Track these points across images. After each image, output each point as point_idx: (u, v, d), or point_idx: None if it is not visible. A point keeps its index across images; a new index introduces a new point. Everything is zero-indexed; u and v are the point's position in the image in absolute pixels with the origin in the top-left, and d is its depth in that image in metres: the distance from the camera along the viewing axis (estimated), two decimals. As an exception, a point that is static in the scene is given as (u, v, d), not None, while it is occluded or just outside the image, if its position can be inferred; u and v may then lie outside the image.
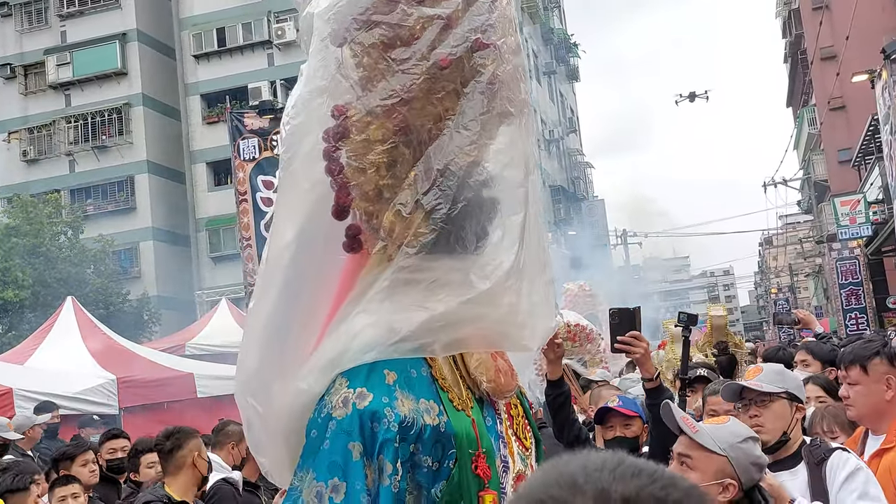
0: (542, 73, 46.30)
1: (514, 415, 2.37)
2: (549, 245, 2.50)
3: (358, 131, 2.17)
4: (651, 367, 4.22)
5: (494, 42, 2.21)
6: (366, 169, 2.17)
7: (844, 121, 35.56)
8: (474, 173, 2.20)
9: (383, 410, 2.02)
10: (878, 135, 22.66)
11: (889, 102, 16.92)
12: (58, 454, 6.67)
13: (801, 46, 41.69)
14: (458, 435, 2.09)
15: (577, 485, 0.92)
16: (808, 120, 41.68)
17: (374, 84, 2.17)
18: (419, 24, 2.15)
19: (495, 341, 2.30)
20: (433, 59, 2.14)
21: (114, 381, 12.36)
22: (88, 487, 6.18)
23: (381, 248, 2.18)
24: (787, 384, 3.49)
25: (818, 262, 43.85)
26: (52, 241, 28.21)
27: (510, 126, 2.27)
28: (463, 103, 2.18)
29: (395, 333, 2.11)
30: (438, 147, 2.16)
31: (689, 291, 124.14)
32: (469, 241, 2.20)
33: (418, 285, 2.16)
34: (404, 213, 2.15)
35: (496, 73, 2.20)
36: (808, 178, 42.67)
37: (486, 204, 2.23)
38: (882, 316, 26.99)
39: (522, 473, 2.27)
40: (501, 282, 2.19)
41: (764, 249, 68.47)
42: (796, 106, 49.28)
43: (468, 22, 2.18)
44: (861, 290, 28.42)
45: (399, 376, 2.10)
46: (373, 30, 2.16)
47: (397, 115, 2.15)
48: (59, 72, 37.24)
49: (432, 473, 2.05)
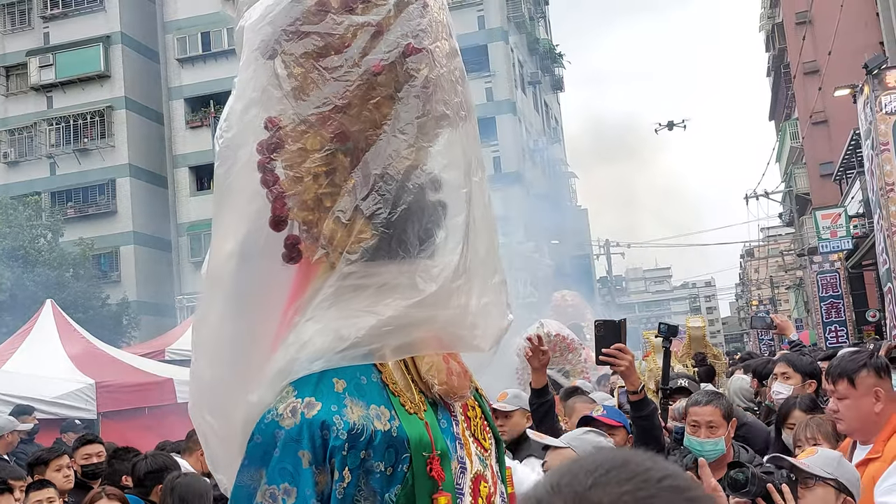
0: (527, 82, 46.42)
1: (472, 416, 2.37)
2: (499, 246, 2.52)
3: (293, 141, 2.18)
4: (636, 380, 4.21)
5: (426, 46, 2.22)
6: (303, 178, 2.18)
7: (826, 135, 35.84)
8: (413, 176, 2.20)
9: (332, 419, 2.02)
10: (859, 149, 22.83)
11: (870, 118, 17.03)
12: (32, 459, 6.63)
13: (784, 60, 42.01)
14: (412, 439, 2.09)
15: (558, 487, 0.93)
16: (790, 133, 41.98)
17: (307, 93, 2.18)
18: (350, 32, 2.17)
19: (446, 343, 2.30)
20: (365, 66, 2.16)
21: (92, 386, 12.27)
22: (63, 493, 6.12)
23: (322, 255, 2.18)
24: (839, 472, 3.31)
25: (799, 274, 44.15)
26: (31, 243, 28.03)
27: (448, 129, 2.27)
28: (398, 108, 2.19)
29: (344, 340, 2.11)
30: (375, 152, 2.17)
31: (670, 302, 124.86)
32: (412, 244, 2.20)
33: (364, 291, 2.16)
34: (343, 219, 2.15)
35: (429, 76, 2.21)
36: (790, 191, 42.96)
37: (429, 207, 2.23)
38: (861, 329, 27.18)
39: (481, 474, 2.27)
40: (448, 283, 2.19)
41: (745, 261, 68.85)
42: (779, 119, 49.64)
43: (399, 28, 2.20)
44: (841, 304, 28.63)
45: (349, 384, 2.10)
46: (303, 40, 2.18)
47: (332, 123, 2.16)
48: (41, 73, 37.09)
49: (386, 478, 2.05)
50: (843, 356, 3.91)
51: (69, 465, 6.52)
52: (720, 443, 4.49)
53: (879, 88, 16.75)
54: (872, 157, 17.40)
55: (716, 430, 4.49)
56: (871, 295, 28.73)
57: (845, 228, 27.49)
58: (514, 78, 41.55)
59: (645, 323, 78.08)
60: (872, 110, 16.84)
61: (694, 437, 4.52)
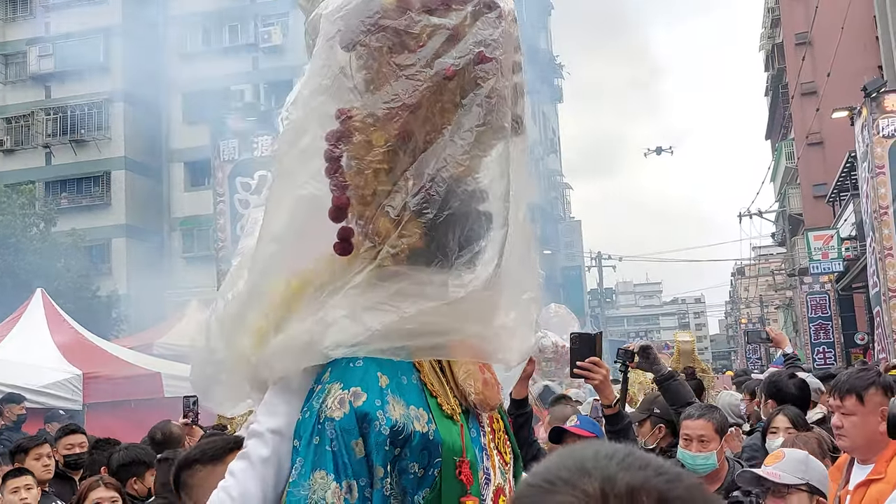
0: (525, 92, 46.46)
1: (496, 429, 2.38)
2: (536, 263, 2.52)
3: (360, 133, 2.18)
4: (611, 394, 4.20)
5: (497, 57, 2.23)
6: (364, 171, 2.18)
7: (821, 156, 35.95)
8: (463, 183, 2.21)
9: (375, 413, 2.03)
10: (853, 172, 22.92)
11: (867, 140, 17.10)
12: (14, 447, 6.61)
13: (783, 80, 42.16)
14: (445, 443, 2.11)
15: (585, 469, 0.97)
16: (785, 153, 42.11)
17: (378, 87, 2.18)
18: (426, 32, 2.18)
19: (473, 353, 2.30)
20: (436, 69, 2.17)
21: (79, 377, 12.22)
22: (43, 482, 6.09)
23: (369, 247, 2.19)
24: (809, 475, 3.37)
25: (789, 294, 44.24)
26: (23, 232, 27.93)
27: (503, 141, 2.29)
28: (460, 114, 2.20)
29: (368, 331, 2.12)
30: (432, 154, 2.18)
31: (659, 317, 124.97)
32: (451, 250, 2.20)
33: (395, 286, 2.17)
34: (392, 214, 2.16)
35: (495, 87, 2.23)
36: (784, 210, 43.06)
37: (473, 215, 2.24)
38: (849, 352, 27.26)
39: (501, 487, 2.28)
40: (477, 293, 2.19)
41: (736, 279, 68.98)
42: (775, 139, 49.80)
43: (473, 35, 2.21)
44: (830, 325, 28.72)
45: (391, 381, 2.11)
46: (379, 33, 2.18)
47: (399, 120, 2.17)
48: (40, 63, 36.96)
49: (417, 480, 2.06)
50: (851, 373, 3.89)
51: (49, 455, 6.49)
52: (711, 457, 4.49)
53: (877, 112, 16.83)
54: (868, 180, 17.47)
55: (707, 444, 4.48)
56: (860, 318, 28.81)
57: (837, 250, 27.57)
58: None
59: (633, 337, 78.19)
60: (870, 133, 16.92)
61: (686, 451, 4.51)
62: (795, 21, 37.78)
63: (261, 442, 2.13)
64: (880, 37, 25.33)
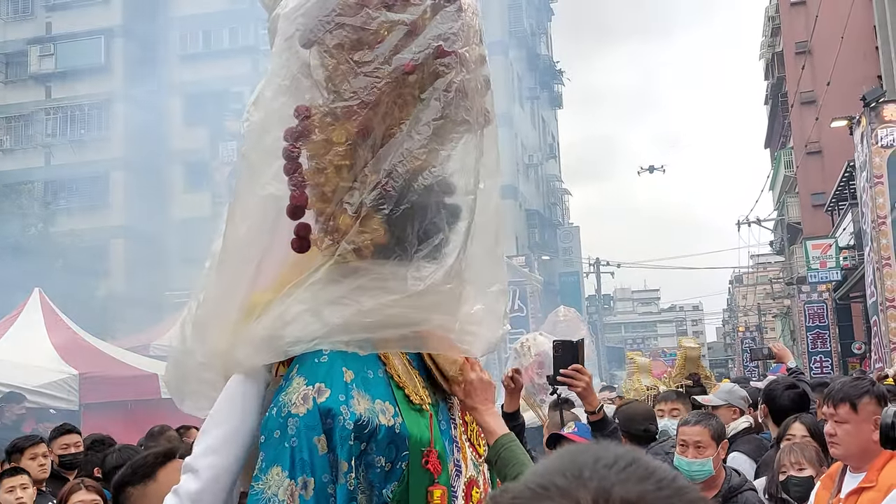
0: (525, 97, 46.48)
1: (469, 421, 2.40)
2: (504, 255, 2.54)
3: (319, 131, 2.19)
4: (594, 400, 4.20)
5: (457, 50, 2.24)
6: (325, 169, 2.19)
7: (820, 165, 35.96)
8: (420, 177, 2.22)
9: (339, 408, 2.04)
10: (852, 181, 22.91)
11: (866, 150, 17.10)
12: (9, 446, 6.59)
13: (783, 89, 42.17)
14: (412, 436, 2.12)
15: (582, 477, 0.91)
16: (784, 162, 42.10)
17: (337, 85, 2.19)
18: (384, 28, 2.19)
19: (435, 344, 2.31)
20: (395, 64, 2.18)
21: (76, 377, 12.21)
22: (39, 482, 6.07)
23: (329, 244, 2.21)
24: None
25: (787, 303, 44.19)
26: (22, 231, 27.90)
27: (466, 134, 2.29)
28: (418, 108, 2.21)
29: (326, 326, 2.14)
30: (389, 149, 2.19)
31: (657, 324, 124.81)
32: (410, 243, 2.22)
33: (354, 281, 2.19)
34: (350, 211, 2.18)
35: (454, 80, 2.23)
36: (782, 219, 43.05)
37: (432, 208, 2.25)
38: (846, 361, 27.24)
39: (474, 479, 2.31)
40: (436, 285, 2.21)
41: (734, 287, 68.92)
42: (774, 147, 49.81)
43: (432, 29, 2.22)
44: (827, 335, 28.71)
45: (357, 376, 2.12)
46: (337, 31, 2.19)
47: (358, 117, 2.18)
48: (41, 63, 36.95)
49: (384, 474, 2.07)
50: (845, 381, 3.90)
51: (45, 454, 6.47)
52: (707, 464, 4.48)
53: (876, 121, 16.83)
54: (867, 189, 17.47)
55: (703, 451, 4.48)
56: (857, 327, 28.78)
57: (835, 259, 27.55)
58: (513, 92, 41.60)
59: (631, 344, 78.12)
60: (868, 143, 16.92)
61: (682, 457, 4.51)
62: (795, 30, 37.80)
63: (192, 477, 2.12)
64: (880, 47, 25.35)
